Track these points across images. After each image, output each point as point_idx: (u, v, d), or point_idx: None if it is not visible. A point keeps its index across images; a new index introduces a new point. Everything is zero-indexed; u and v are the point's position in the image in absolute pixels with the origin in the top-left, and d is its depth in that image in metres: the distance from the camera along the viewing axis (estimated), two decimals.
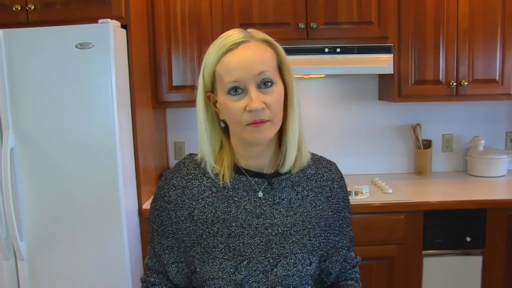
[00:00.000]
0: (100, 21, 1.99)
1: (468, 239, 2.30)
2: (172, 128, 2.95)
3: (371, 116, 2.93)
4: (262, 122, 0.94)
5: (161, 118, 2.81)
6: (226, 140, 1.06)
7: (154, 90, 2.53)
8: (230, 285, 0.99)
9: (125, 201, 2.10)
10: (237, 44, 0.95)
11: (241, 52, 0.94)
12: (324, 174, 1.11)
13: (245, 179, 1.05)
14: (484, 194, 2.44)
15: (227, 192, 1.04)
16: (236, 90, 0.94)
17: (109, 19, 1.99)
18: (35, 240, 2.11)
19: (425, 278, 2.33)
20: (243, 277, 0.99)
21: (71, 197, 2.07)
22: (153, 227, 1.11)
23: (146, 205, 2.34)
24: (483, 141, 2.83)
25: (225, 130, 1.05)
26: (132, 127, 2.24)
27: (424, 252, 2.32)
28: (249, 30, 1.00)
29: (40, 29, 2.01)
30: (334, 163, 1.17)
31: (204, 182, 1.06)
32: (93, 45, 1.98)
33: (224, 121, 1.02)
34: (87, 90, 2.01)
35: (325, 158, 1.16)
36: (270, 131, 0.97)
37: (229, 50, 0.95)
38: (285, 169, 1.03)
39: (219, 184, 1.05)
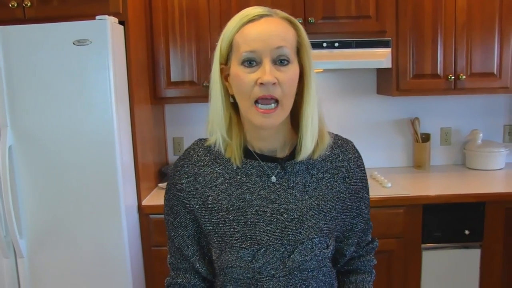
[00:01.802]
0: (97, 17, 1.98)
1: (466, 232, 2.31)
2: (171, 124, 2.95)
3: (369, 110, 2.93)
4: (269, 109, 0.92)
5: (159, 114, 2.81)
6: (235, 117, 1.03)
7: (152, 86, 2.52)
8: (248, 273, 1.00)
9: (124, 197, 2.10)
10: (259, 16, 0.94)
11: (263, 24, 0.94)
12: (339, 154, 1.07)
13: (257, 164, 1.03)
14: (483, 187, 2.45)
15: (240, 178, 1.02)
16: (250, 62, 0.92)
17: (107, 15, 1.98)
18: (34, 238, 2.12)
19: (424, 272, 2.35)
20: (260, 265, 0.99)
21: (70, 194, 2.07)
22: (169, 220, 1.09)
23: (146, 201, 2.35)
24: (481, 134, 2.84)
25: (234, 108, 1.02)
26: (130, 123, 2.24)
27: (423, 245, 2.33)
28: (273, 9, 0.99)
29: (37, 26, 2.00)
30: (351, 142, 1.12)
31: (216, 169, 1.04)
32: (90, 42, 1.97)
33: (233, 97, 0.99)
34: (85, 86, 2.01)
35: (341, 137, 1.12)
36: (279, 117, 0.95)
37: (251, 20, 0.94)
38: (301, 157, 1.00)
39: (231, 170, 1.03)
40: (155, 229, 2.30)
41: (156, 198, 2.42)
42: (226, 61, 0.98)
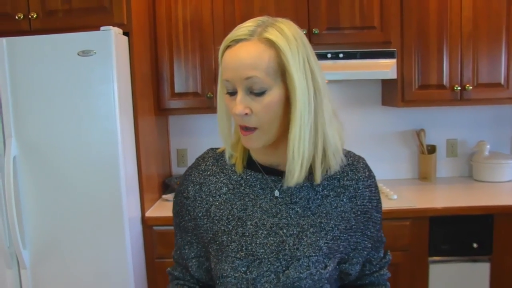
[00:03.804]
0: (102, 28, 1.99)
1: (475, 245, 2.27)
2: (175, 135, 2.94)
3: (374, 121, 2.91)
4: (248, 130, 0.92)
5: (163, 125, 2.81)
6: None
7: (156, 97, 2.52)
8: (243, 284, 0.98)
9: (128, 209, 2.09)
10: (236, 42, 0.91)
11: (235, 52, 0.90)
12: (349, 172, 1.05)
13: (261, 176, 1.03)
14: (491, 199, 2.41)
15: (243, 190, 1.03)
16: (229, 88, 0.93)
17: (111, 27, 1.99)
18: (38, 249, 2.11)
19: (432, 285, 2.30)
20: (254, 276, 0.97)
21: (74, 205, 2.06)
22: (176, 222, 1.12)
23: (149, 213, 2.33)
24: (488, 146, 2.81)
25: None
26: (134, 135, 2.23)
27: (430, 259, 2.30)
28: (270, 21, 0.93)
29: (42, 37, 2.01)
30: (363, 159, 1.09)
31: (222, 178, 1.05)
32: (95, 53, 1.98)
33: None
34: (89, 97, 2.01)
35: (353, 154, 1.09)
36: (259, 140, 0.94)
37: (229, 46, 0.92)
38: (287, 183, 0.95)
39: (235, 181, 1.04)
40: (159, 241, 2.28)
41: (159, 209, 2.41)
42: None
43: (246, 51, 0.89)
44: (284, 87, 0.92)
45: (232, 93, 0.93)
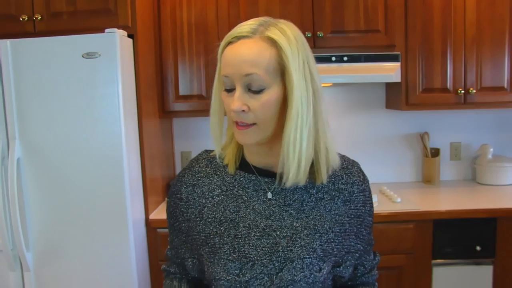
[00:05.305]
0: (106, 30, 1.99)
1: (478, 248, 2.27)
2: (179, 138, 2.94)
3: (378, 124, 2.91)
4: (244, 126, 0.92)
5: (167, 127, 2.81)
6: None
7: (160, 100, 2.53)
8: (236, 287, 0.97)
9: (132, 211, 2.09)
10: (237, 38, 0.91)
11: (236, 48, 0.91)
12: (343, 176, 1.05)
13: (254, 178, 1.03)
14: (494, 202, 2.41)
15: (236, 191, 1.03)
16: (228, 85, 0.93)
17: (116, 29, 2.00)
18: (41, 251, 2.10)
19: None
20: (247, 279, 0.97)
21: (77, 207, 2.06)
22: (170, 222, 1.12)
23: (153, 215, 2.33)
24: (491, 149, 2.81)
25: None
26: (138, 137, 2.24)
27: (434, 261, 2.30)
28: (272, 21, 0.94)
29: (47, 39, 2.01)
30: (357, 163, 1.10)
31: (215, 180, 1.05)
32: (99, 55, 1.98)
33: None
34: (94, 99, 2.01)
35: (348, 158, 1.10)
36: (255, 136, 0.94)
37: (230, 42, 0.92)
38: (288, 183, 0.95)
39: (229, 183, 1.04)
40: (163, 243, 2.28)
41: (163, 212, 2.40)
42: None
43: (247, 47, 0.90)
44: (283, 87, 0.92)
45: (230, 90, 0.93)
